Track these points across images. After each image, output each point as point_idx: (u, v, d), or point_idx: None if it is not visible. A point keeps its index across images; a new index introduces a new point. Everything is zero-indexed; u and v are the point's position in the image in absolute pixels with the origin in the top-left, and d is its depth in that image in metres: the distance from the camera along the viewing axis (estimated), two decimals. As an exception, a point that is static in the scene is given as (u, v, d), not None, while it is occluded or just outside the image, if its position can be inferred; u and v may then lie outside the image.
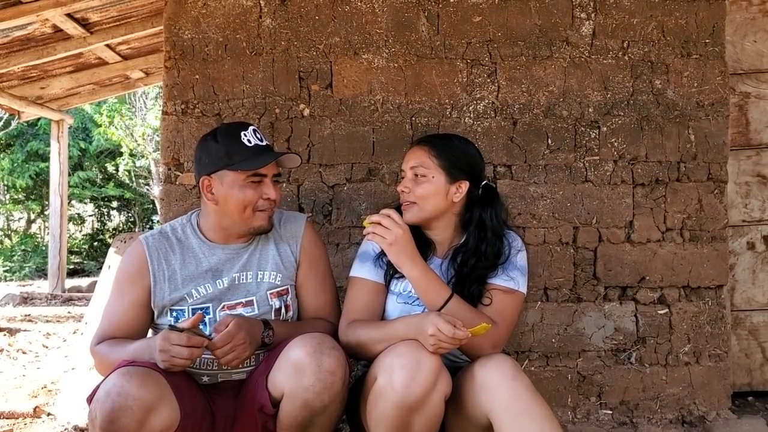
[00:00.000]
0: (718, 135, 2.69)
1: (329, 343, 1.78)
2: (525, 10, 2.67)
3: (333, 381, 1.73)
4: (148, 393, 1.64)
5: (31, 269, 12.00)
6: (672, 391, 2.67)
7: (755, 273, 2.96)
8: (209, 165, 1.95)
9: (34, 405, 3.11)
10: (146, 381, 1.66)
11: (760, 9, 2.93)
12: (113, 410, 1.60)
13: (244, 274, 2.00)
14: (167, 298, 1.97)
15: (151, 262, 1.98)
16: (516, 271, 1.99)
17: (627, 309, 2.67)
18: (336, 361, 1.74)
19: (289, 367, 1.76)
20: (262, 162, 1.92)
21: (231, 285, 1.99)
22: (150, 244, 2.00)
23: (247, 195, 1.92)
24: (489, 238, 1.99)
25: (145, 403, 1.63)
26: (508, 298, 1.97)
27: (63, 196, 8.50)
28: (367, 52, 2.64)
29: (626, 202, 2.67)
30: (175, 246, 2.01)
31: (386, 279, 2.03)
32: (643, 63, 2.68)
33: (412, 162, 2.01)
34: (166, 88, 2.64)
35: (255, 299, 1.99)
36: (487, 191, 2.05)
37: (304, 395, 1.73)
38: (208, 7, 2.62)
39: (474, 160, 2.06)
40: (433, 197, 1.98)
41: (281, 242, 2.06)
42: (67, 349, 4.80)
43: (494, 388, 1.72)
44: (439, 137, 2.12)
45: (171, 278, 1.98)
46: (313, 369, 1.72)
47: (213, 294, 1.98)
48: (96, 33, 5.42)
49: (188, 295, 1.97)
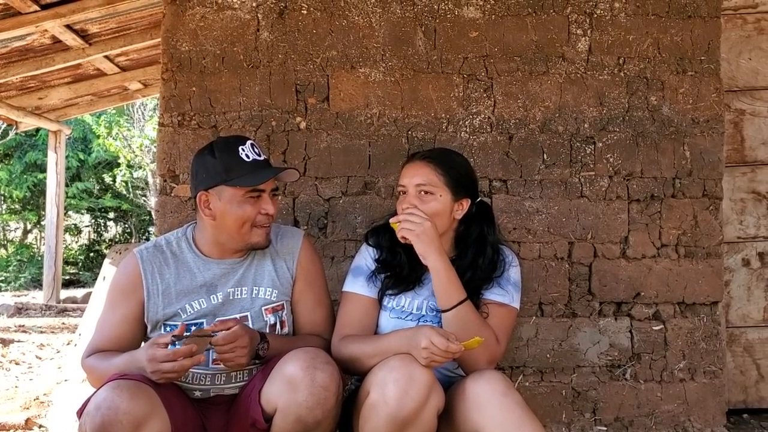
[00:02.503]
0: (714, 151, 2.70)
1: (323, 358, 1.77)
2: (521, 25, 2.68)
3: (326, 396, 1.71)
4: (139, 406, 1.63)
5: (27, 280, 11.94)
6: (667, 408, 2.66)
7: (750, 290, 2.96)
8: (207, 180, 1.93)
9: (26, 417, 3.09)
10: (137, 394, 1.65)
11: (755, 27, 2.95)
12: (103, 424, 1.59)
13: (239, 289, 1.99)
14: (161, 312, 1.95)
15: (144, 276, 1.96)
16: (510, 285, 2.00)
17: (622, 325, 2.67)
18: (329, 376, 1.73)
19: (282, 381, 1.74)
20: (262, 178, 1.91)
21: (225, 300, 1.97)
22: (144, 257, 1.98)
23: (246, 211, 1.91)
24: (487, 252, 2.00)
25: (136, 417, 1.62)
26: (503, 313, 1.98)
27: (59, 207, 8.48)
28: (364, 66, 2.65)
29: (621, 217, 2.67)
30: (170, 260, 1.99)
31: (379, 295, 2.02)
32: (638, 79, 2.69)
33: (418, 179, 1.98)
34: (162, 100, 2.64)
35: (249, 315, 1.97)
36: (480, 207, 2.06)
37: (297, 410, 1.71)
38: (206, 20, 2.63)
39: (474, 176, 2.08)
40: (440, 216, 1.97)
41: (278, 258, 2.04)
42: (60, 360, 4.77)
43: (485, 404, 1.71)
44: (439, 153, 2.10)
45: (165, 293, 1.96)
46: (307, 384, 1.70)
47: (207, 309, 1.96)
48: (95, 44, 5.45)
49: (182, 310, 1.95)
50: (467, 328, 1.83)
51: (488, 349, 1.86)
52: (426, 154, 2.06)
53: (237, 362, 1.79)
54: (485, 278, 1.98)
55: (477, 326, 1.86)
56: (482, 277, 1.98)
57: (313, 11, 2.65)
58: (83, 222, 16.28)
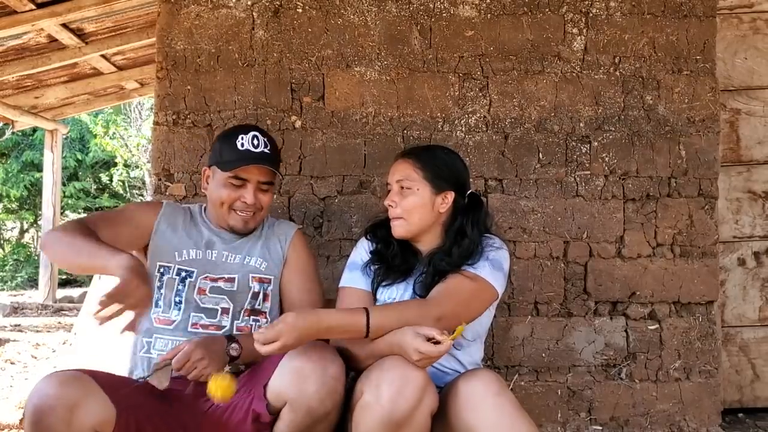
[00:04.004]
0: (709, 151, 2.70)
1: (331, 351, 1.80)
2: (517, 25, 2.68)
3: (336, 386, 1.73)
4: (70, 390, 1.66)
5: (23, 279, 11.92)
6: (662, 407, 2.66)
7: (746, 289, 2.96)
8: (210, 158, 2.16)
9: (20, 416, 3.08)
10: (67, 381, 1.68)
11: (751, 26, 2.95)
12: (35, 413, 1.63)
13: (233, 255, 2.11)
14: (158, 249, 2.08)
15: (163, 214, 2.13)
16: (485, 262, 1.95)
17: (617, 324, 2.67)
18: (340, 368, 1.76)
19: (292, 373, 1.74)
20: (234, 165, 2.03)
21: (218, 260, 2.09)
22: (167, 205, 2.17)
23: (222, 194, 2.06)
24: (464, 243, 1.97)
25: (68, 401, 1.64)
26: (465, 281, 1.90)
27: (56, 207, 8.45)
28: (359, 64, 2.65)
29: (617, 217, 2.67)
30: (186, 216, 2.17)
31: (374, 287, 2.04)
32: (634, 79, 2.69)
33: (398, 175, 2.02)
34: (157, 99, 2.64)
35: (237, 278, 2.07)
36: (472, 200, 2.05)
37: (308, 402, 1.72)
38: (201, 19, 2.63)
39: (458, 170, 2.05)
40: (419, 209, 1.99)
41: (272, 237, 2.17)
42: (56, 359, 4.76)
43: (478, 403, 1.70)
44: (422, 149, 2.15)
45: (171, 233, 2.10)
46: (318, 375, 1.71)
47: (200, 261, 2.08)
48: (91, 43, 5.43)
49: (178, 253, 2.07)
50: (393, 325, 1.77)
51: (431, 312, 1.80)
52: (408, 151, 2.10)
53: (206, 373, 1.82)
54: (455, 265, 1.94)
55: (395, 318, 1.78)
56: (451, 263, 1.94)
57: (309, 10, 2.64)
58: (80, 221, 16.22)
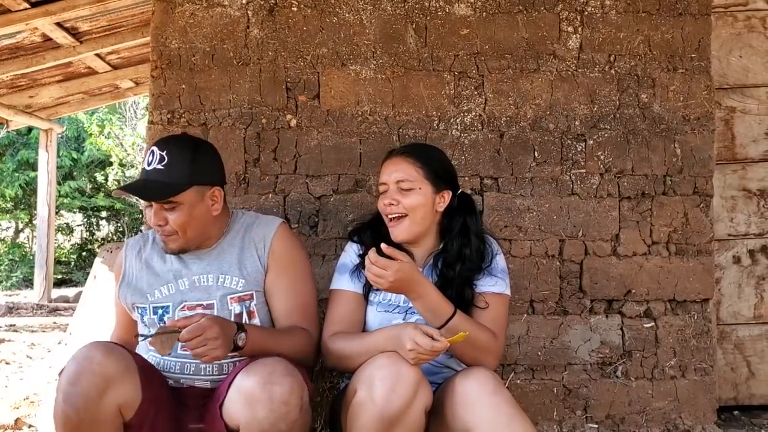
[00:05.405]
0: (704, 149, 2.70)
1: (281, 370, 1.71)
2: (512, 23, 2.68)
3: (287, 411, 1.67)
4: (113, 362, 1.67)
5: (18, 279, 11.87)
6: (658, 405, 2.66)
7: (741, 287, 2.96)
8: None
9: (16, 417, 3.07)
10: (113, 353, 1.69)
11: (746, 24, 2.96)
12: (76, 372, 1.64)
13: (206, 276, 2.00)
14: (129, 298, 2.03)
15: (125, 260, 2.09)
16: (500, 272, 2.03)
17: (613, 322, 2.67)
18: (289, 389, 1.68)
19: (241, 398, 1.71)
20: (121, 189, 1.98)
21: (191, 286, 2.00)
22: (129, 244, 2.13)
23: (147, 215, 2.03)
24: (473, 242, 2.02)
25: (108, 372, 1.65)
26: (499, 302, 2.01)
27: (51, 206, 8.44)
28: (354, 63, 2.64)
29: (612, 215, 2.67)
30: (146, 246, 2.10)
31: (365, 290, 2.03)
32: (629, 77, 2.69)
33: (397, 174, 2.01)
34: (152, 98, 2.63)
35: (215, 303, 1.98)
36: (462, 199, 2.07)
37: (260, 427, 1.67)
38: (196, 17, 2.62)
39: (452, 169, 2.12)
40: (422, 208, 2.00)
41: (248, 247, 2.03)
42: (51, 359, 4.74)
43: (475, 402, 1.71)
44: (416, 147, 2.15)
45: (138, 276, 2.04)
46: (265, 401, 1.66)
47: (173, 295, 2.00)
48: (86, 42, 5.42)
49: (150, 293, 2.00)
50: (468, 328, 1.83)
51: (489, 349, 1.90)
52: (403, 150, 2.10)
53: (213, 355, 1.73)
54: (475, 268, 2.00)
55: (473, 329, 1.86)
56: (471, 268, 2.00)
57: (303, 8, 2.64)
58: (75, 221, 16.19)
